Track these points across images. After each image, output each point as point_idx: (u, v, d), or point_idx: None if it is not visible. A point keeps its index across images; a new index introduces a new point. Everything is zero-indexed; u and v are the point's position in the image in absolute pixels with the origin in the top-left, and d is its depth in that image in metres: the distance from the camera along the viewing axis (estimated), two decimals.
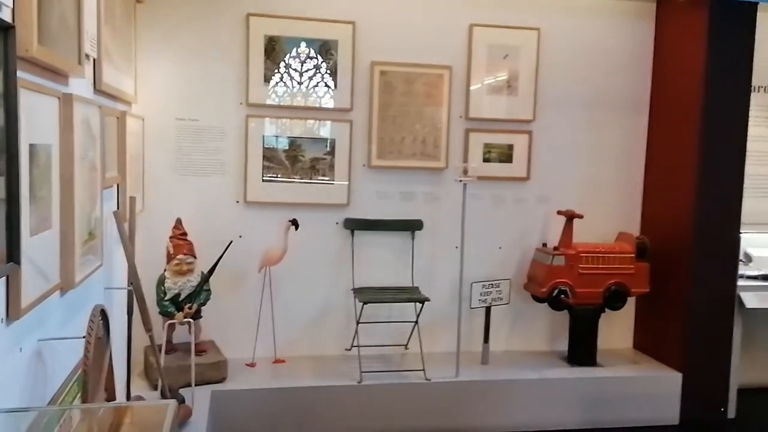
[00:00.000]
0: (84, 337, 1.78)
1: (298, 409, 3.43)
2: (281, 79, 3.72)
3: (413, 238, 3.95)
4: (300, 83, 3.74)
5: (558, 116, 4.08)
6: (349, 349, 3.89)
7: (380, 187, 3.91)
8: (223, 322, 3.78)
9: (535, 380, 3.72)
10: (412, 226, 3.94)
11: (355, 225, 3.87)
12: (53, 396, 1.93)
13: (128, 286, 2.76)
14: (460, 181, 3.56)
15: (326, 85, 3.77)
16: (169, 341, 3.50)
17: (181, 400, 3.01)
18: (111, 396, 2.61)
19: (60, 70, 1.90)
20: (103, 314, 1.91)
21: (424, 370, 3.60)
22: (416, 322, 3.76)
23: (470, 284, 3.75)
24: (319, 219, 3.84)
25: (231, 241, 3.34)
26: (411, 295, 3.73)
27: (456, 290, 3.70)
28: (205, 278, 3.38)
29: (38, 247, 1.72)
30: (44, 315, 1.86)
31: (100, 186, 2.43)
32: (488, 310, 3.88)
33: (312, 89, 3.76)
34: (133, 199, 2.88)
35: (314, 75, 3.75)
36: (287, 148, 3.77)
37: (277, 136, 3.75)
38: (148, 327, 2.77)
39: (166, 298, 3.35)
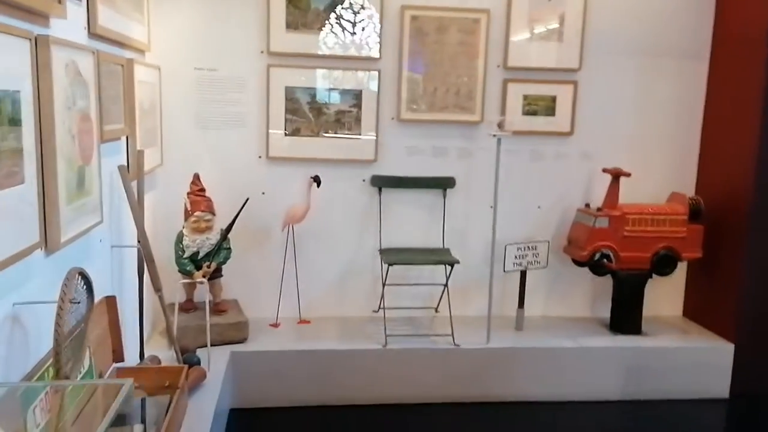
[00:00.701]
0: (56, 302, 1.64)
1: (319, 372, 3.30)
2: (304, 25, 3.48)
3: (444, 197, 3.72)
4: (325, 30, 3.50)
5: (607, 64, 3.72)
6: (377, 311, 3.73)
7: (410, 142, 3.67)
8: (246, 281, 3.67)
9: (574, 349, 3.49)
10: (444, 183, 3.70)
11: (382, 182, 3.65)
12: (34, 366, 1.81)
13: (137, 244, 2.64)
14: (494, 135, 3.29)
15: (353, 32, 3.52)
16: (189, 300, 3.42)
17: (196, 362, 2.91)
18: (118, 357, 2.53)
19: (33, 8, 1.73)
20: (84, 277, 1.77)
21: (452, 335, 3.41)
22: (446, 285, 3.55)
23: (504, 246, 3.51)
24: (345, 175, 3.65)
25: (248, 198, 3.19)
26: (440, 257, 3.52)
27: (489, 252, 3.46)
28: (223, 236, 3.25)
29: (6, 204, 1.58)
30: (22, 277, 1.74)
31: (97, 138, 2.28)
32: (523, 273, 3.64)
33: (337, 36, 3.52)
34: (141, 153, 2.74)
35: (340, 21, 3.50)
36: (311, 100, 3.55)
37: (300, 87, 3.54)
38: (156, 286, 2.66)
39: (184, 256, 3.24)
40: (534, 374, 3.45)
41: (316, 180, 3.38)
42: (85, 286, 1.78)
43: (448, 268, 3.48)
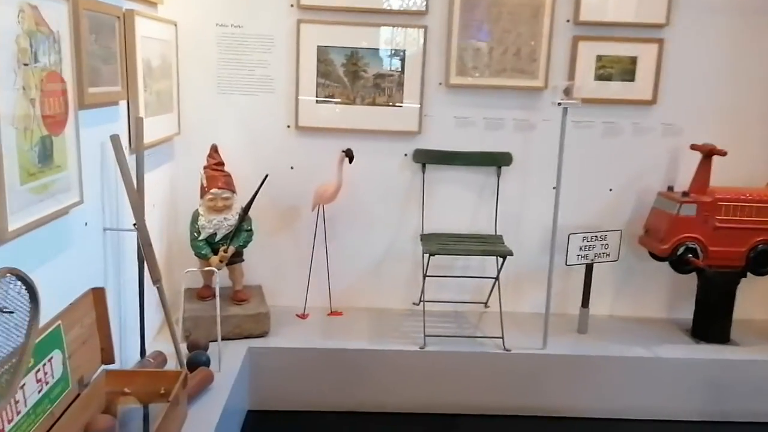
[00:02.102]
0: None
1: (347, 373, 2.90)
2: None
3: (499, 176, 3.21)
4: None
5: (700, 21, 3.10)
6: (417, 304, 3.30)
7: (460, 112, 3.17)
8: (273, 266, 3.29)
9: (647, 359, 2.95)
10: (499, 160, 3.19)
11: (427, 157, 3.18)
12: None
13: (132, 227, 2.27)
14: (559, 104, 2.75)
15: None
16: (206, 286, 3.07)
17: (204, 361, 2.55)
18: (108, 358, 2.18)
19: None
20: (22, 280, 1.39)
21: (502, 337, 2.94)
22: (497, 279, 3.07)
23: (567, 235, 2.99)
24: (384, 150, 3.18)
25: (267, 175, 2.77)
26: (490, 246, 3.03)
27: (550, 241, 2.94)
28: (241, 217, 2.86)
29: None
30: None
31: (74, 103, 1.90)
32: (589, 267, 3.11)
33: None
34: (139, 121, 2.36)
35: None
36: (346, 62, 3.09)
37: (334, 47, 3.07)
38: (154, 277, 2.30)
39: (199, 238, 2.87)
40: (598, 386, 2.95)
41: (348, 155, 2.93)
42: (26, 290, 1.40)
43: (500, 259, 2.99)
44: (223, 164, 2.93)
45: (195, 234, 2.89)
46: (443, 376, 2.91)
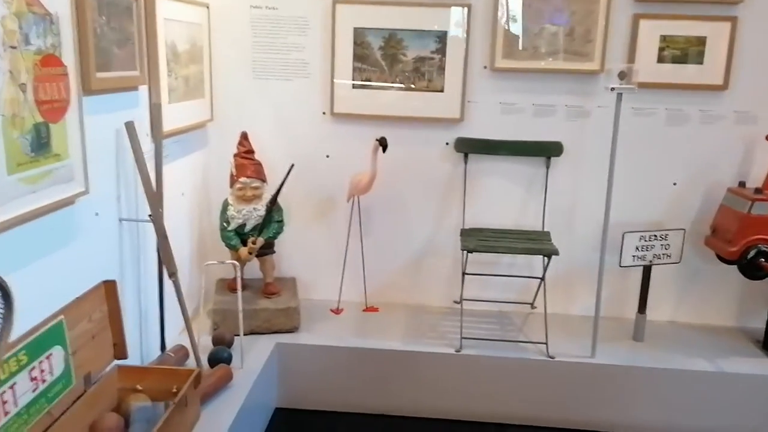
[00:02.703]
0: None
1: (377, 374, 2.75)
2: None
3: (548, 167, 2.96)
4: None
5: None
6: (458, 302, 3.10)
7: (506, 97, 2.93)
8: (308, 258, 3.18)
9: (710, 373, 2.65)
10: (548, 150, 2.94)
11: (470, 147, 2.97)
12: None
13: (148, 218, 2.19)
14: (613, 89, 2.48)
15: None
16: (236, 278, 2.97)
17: (226, 358, 2.46)
18: (120, 353, 2.11)
19: None
20: None
21: (546, 343, 2.71)
22: (542, 279, 2.84)
23: (622, 234, 2.72)
24: (424, 138, 2.99)
25: (293, 165, 2.63)
26: (535, 244, 2.79)
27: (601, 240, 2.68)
28: (268, 208, 2.74)
29: None
30: None
31: (77, 88, 1.81)
32: (647, 269, 2.83)
33: None
34: (157, 107, 2.26)
35: None
36: (384, 44, 2.91)
37: (371, 29, 2.90)
38: (170, 270, 2.21)
39: (229, 229, 2.78)
40: (652, 402, 2.68)
41: (382, 143, 2.76)
42: None
43: (546, 258, 2.76)
44: (252, 152, 2.82)
45: (224, 224, 2.80)
46: (479, 382, 2.71)
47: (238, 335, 2.66)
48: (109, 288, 2.03)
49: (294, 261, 3.17)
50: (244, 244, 2.78)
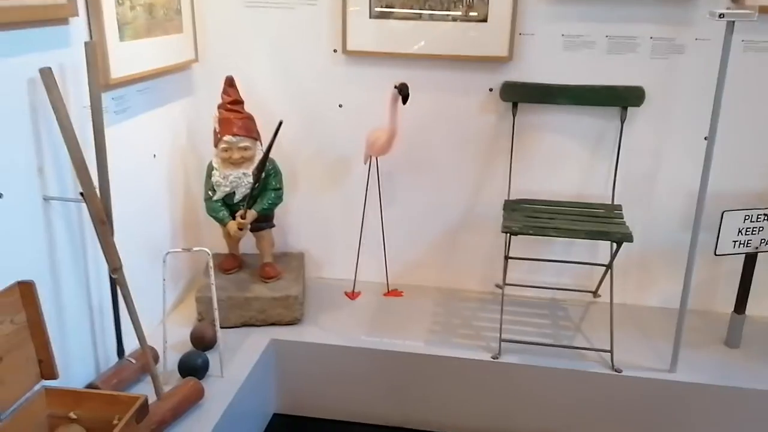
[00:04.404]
0: None
1: (394, 382, 2.21)
2: None
3: (623, 121, 2.27)
4: None
5: None
6: (501, 287, 2.51)
7: (570, 28, 2.23)
8: (320, 230, 2.64)
9: None
10: (625, 97, 2.24)
11: (520, 94, 2.30)
12: None
13: (79, 197, 1.67)
14: (721, 16, 1.74)
15: None
16: (231, 255, 2.48)
17: (200, 366, 1.97)
18: (48, 372, 1.65)
19: None
20: None
21: (611, 351, 2.10)
22: (609, 267, 2.21)
23: (721, 213, 2.04)
24: (461, 83, 2.34)
25: (281, 121, 2.03)
26: (602, 224, 2.14)
27: (692, 217, 2.01)
28: (255, 176, 2.17)
29: None
30: None
31: None
32: (751, 258, 2.15)
33: None
34: (91, 47, 1.69)
35: None
36: None
37: None
38: (111, 264, 1.70)
39: (214, 198, 2.25)
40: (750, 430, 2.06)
41: (402, 91, 2.12)
42: None
43: (615, 243, 2.12)
44: (240, 102, 2.24)
45: (209, 193, 2.27)
46: (520, 398, 2.15)
47: (231, 327, 2.20)
48: (25, 291, 1.54)
49: (303, 232, 2.64)
50: (234, 216, 2.25)
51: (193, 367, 1.94)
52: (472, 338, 2.26)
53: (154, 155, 2.21)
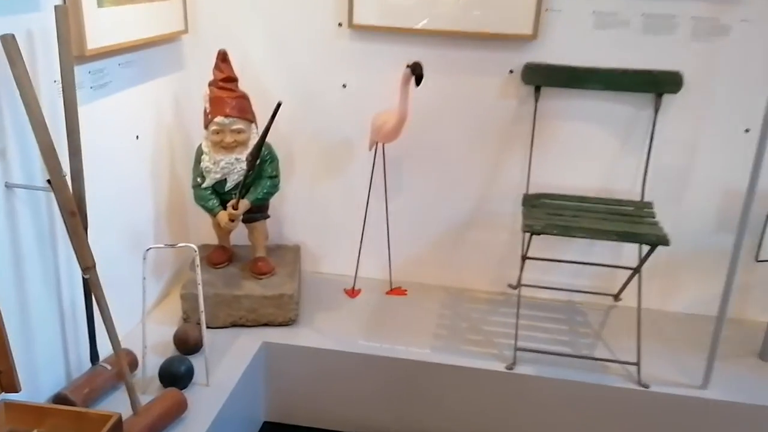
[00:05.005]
0: None
1: (396, 391, 2.02)
2: None
3: (657, 109, 2.05)
4: None
5: None
6: (515, 288, 2.32)
7: (600, 5, 2.00)
8: (318, 221, 2.43)
9: None
10: (660, 83, 2.02)
11: (545, 77, 2.08)
12: None
13: (45, 184, 1.45)
14: None
15: None
16: (221, 247, 2.27)
17: (183, 373, 1.77)
18: (8, 384, 1.44)
19: None
20: None
21: (638, 364, 1.91)
22: (636, 271, 2.01)
23: (766, 215, 1.84)
24: (478, 63, 2.12)
25: (280, 102, 1.81)
26: (633, 224, 1.92)
27: (732, 218, 1.79)
28: (249, 163, 1.95)
29: None
30: None
31: None
32: None
33: None
34: (62, 12, 1.47)
35: None
36: None
37: None
38: (82, 263, 1.49)
39: (203, 186, 2.03)
40: None
41: (415, 71, 1.90)
42: None
43: (646, 247, 1.92)
44: (234, 80, 2.01)
45: (198, 180, 2.05)
46: (536, 414, 1.95)
47: (220, 327, 2.01)
48: None
49: (299, 223, 2.43)
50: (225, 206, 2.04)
51: (175, 376, 1.74)
52: (482, 345, 2.06)
53: (137, 137, 1.99)
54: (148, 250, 1.64)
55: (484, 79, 2.13)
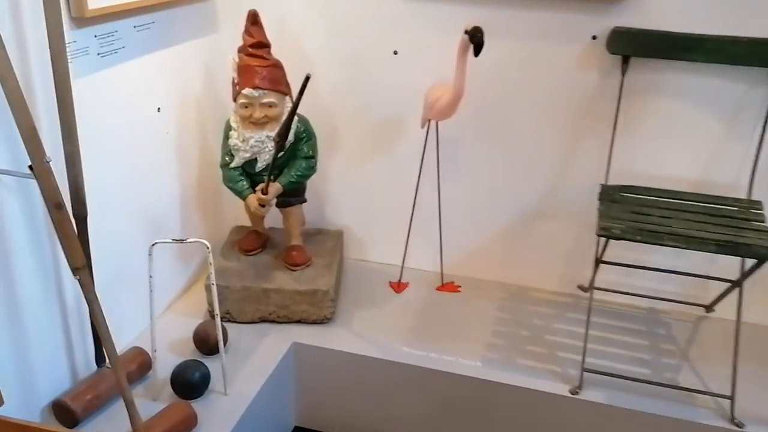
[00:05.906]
0: None
1: (439, 407, 1.77)
2: None
3: None
4: None
5: None
6: (586, 290, 2.01)
7: None
8: (364, 205, 2.18)
9: None
10: None
11: (635, 45, 1.71)
12: None
13: (28, 171, 1.25)
14: None
15: None
16: (254, 233, 2.06)
17: (197, 381, 1.58)
18: None
19: None
20: None
21: (732, 397, 1.58)
22: (737, 284, 1.66)
23: None
24: (553, 28, 1.78)
25: (308, 75, 1.54)
26: (737, 232, 1.56)
27: None
28: (278, 144, 1.70)
29: None
30: None
31: None
32: None
33: None
34: None
35: None
36: None
37: None
38: (72, 263, 1.29)
39: (231, 165, 1.81)
40: None
41: (474, 39, 1.58)
42: None
43: (749, 261, 1.56)
44: (266, 46, 1.76)
45: (226, 158, 1.83)
46: None
47: (247, 322, 1.82)
48: None
49: (343, 206, 2.19)
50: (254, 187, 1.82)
51: (187, 384, 1.55)
52: (543, 360, 1.77)
53: (159, 109, 1.78)
54: (153, 245, 1.43)
55: (560, 47, 1.78)
